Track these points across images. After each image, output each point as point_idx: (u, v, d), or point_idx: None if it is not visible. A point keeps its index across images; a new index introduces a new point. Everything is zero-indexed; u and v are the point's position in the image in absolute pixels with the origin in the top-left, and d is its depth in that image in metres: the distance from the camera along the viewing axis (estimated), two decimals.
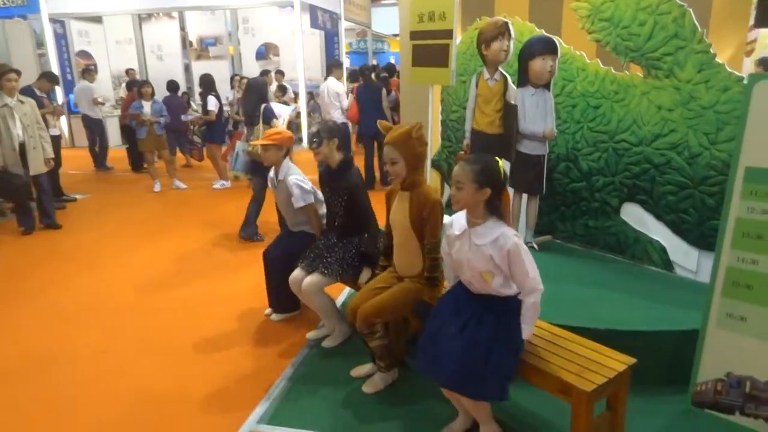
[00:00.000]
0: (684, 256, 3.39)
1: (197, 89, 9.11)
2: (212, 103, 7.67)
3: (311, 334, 3.41)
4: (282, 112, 5.70)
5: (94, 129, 9.58)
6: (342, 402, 2.77)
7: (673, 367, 2.75)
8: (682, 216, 3.35)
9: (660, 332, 2.76)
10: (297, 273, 3.25)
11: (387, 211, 2.85)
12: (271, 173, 3.66)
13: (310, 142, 3.25)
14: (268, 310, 3.77)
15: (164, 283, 4.48)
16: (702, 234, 3.26)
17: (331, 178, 3.23)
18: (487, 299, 2.26)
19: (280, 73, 10.44)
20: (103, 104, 9.70)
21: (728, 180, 2.44)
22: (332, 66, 8.55)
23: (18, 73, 5.67)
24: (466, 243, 2.23)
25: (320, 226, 3.49)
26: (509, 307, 2.25)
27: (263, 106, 5.16)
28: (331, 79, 8.07)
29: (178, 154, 9.50)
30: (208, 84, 7.89)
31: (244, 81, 7.30)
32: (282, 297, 3.58)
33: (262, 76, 7.28)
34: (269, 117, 5.13)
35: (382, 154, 7.43)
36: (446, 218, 2.89)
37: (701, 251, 3.28)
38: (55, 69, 11.59)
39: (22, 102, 5.69)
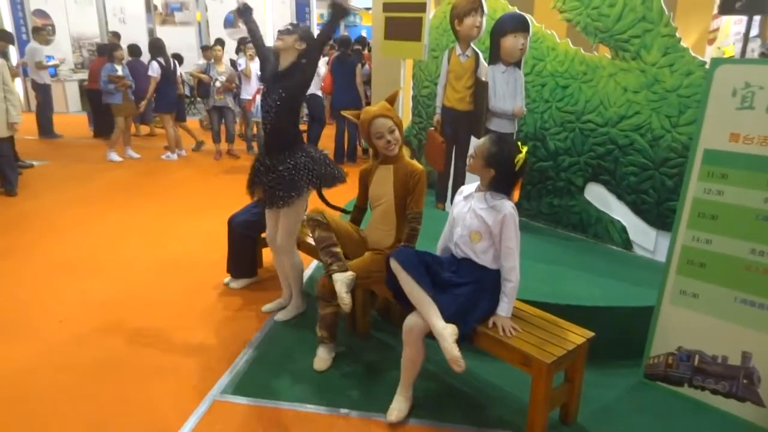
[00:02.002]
0: (643, 236, 3.50)
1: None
2: (153, 69, 7.47)
3: (267, 307, 3.42)
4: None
5: (39, 94, 9.10)
6: (305, 372, 2.79)
7: (628, 341, 2.85)
8: (642, 197, 3.44)
9: (617, 308, 2.86)
10: (270, 228, 3.25)
11: (361, 188, 2.86)
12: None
13: (284, 27, 2.96)
14: (227, 279, 3.78)
15: (126, 251, 4.37)
16: (660, 214, 3.37)
17: (274, 78, 2.97)
18: (472, 264, 2.39)
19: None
20: (47, 67, 9.15)
21: (687, 162, 2.51)
22: None
23: None
24: (469, 203, 2.42)
25: None
26: (489, 276, 2.38)
27: None
28: None
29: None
30: (155, 49, 7.63)
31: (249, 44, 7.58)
32: (241, 262, 3.74)
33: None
34: None
35: (352, 127, 7.46)
36: None
37: (659, 231, 3.39)
38: (9, 28, 10.99)
39: None
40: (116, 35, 10.86)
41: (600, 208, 3.71)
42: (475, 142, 2.39)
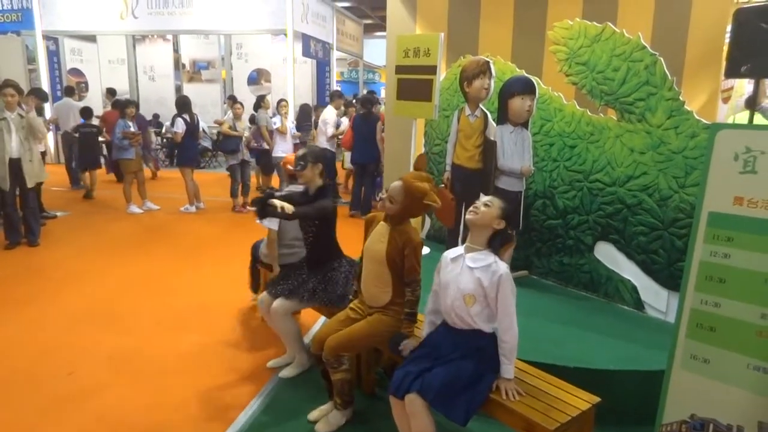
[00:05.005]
0: (654, 296, 3.45)
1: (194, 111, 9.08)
2: (179, 125, 7.77)
3: (273, 362, 3.41)
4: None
5: (74, 147, 9.49)
6: None
7: (640, 406, 2.76)
8: (653, 257, 3.42)
9: (627, 372, 2.80)
10: (264, 296, 3.28)
11: (365, 238, 2.88)
12: (301, 188, 3.68)
13: (296, 164, 3.20)
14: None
15: (138, 302, 4.43)
16: (671, 275, 3.33)
17: (307, 202, 3.19)
18: (469, 334, 2.35)
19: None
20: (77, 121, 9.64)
21: (692, 224, 2.51)
22: (333, 95, 9.08)
23: (17, 88, 5.72)
24: (458, 265, 2.38)
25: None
26: (488, 342, 2.35)
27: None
28: (328, 108, 8.39)
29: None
30: (181, 106, 7.96)
31: (283, 103, 8.44)
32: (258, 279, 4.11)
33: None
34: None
35: (367, 182, 7.61)
36: (425, 249, 2.93)
37: (670, 292, 3.34)
38: (46, 86, 11.60)
39: (21, 116, 5.75)
40: (111, 92, 11.37)
41: (610, 267, 3.68)
42: (484, 198, 2.44)
